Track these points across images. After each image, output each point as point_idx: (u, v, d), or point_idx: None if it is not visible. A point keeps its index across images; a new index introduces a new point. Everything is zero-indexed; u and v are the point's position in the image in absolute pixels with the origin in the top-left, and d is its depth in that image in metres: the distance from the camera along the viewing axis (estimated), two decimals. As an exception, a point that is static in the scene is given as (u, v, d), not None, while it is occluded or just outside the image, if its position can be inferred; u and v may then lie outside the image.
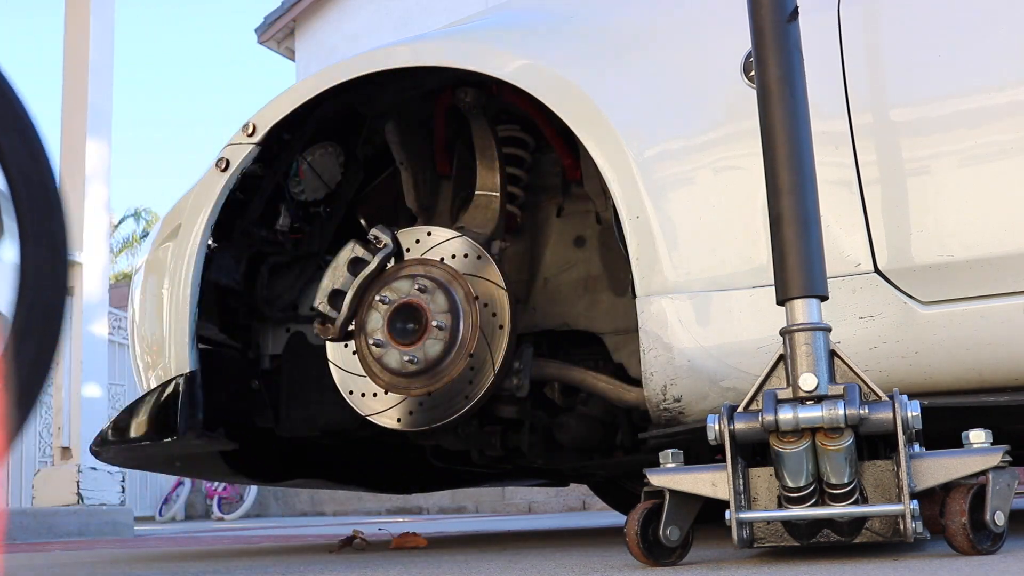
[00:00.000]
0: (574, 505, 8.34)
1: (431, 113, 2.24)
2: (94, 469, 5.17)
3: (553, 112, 1.84)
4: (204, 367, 2.09)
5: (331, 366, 2.11)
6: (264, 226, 2.25)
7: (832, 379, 1.34)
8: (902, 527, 1.28)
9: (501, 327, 1.97)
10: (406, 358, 1.97)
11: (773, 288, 1.40)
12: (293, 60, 14.80)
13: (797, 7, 1.45)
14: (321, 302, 2.03)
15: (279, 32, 14.80)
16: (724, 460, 1.34)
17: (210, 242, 2.13)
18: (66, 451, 5.23)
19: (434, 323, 1.96)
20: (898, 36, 1.63)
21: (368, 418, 2.06)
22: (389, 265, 2.02)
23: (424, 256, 2.03)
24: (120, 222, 20.72)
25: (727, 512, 1.33)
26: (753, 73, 1.53)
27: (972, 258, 1.54)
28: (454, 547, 2.20)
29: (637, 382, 1.84)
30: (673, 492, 1.39)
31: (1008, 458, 1.30)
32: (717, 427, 1.35)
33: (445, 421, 2.00)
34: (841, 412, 1.29)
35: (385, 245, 2.06)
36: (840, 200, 1.61)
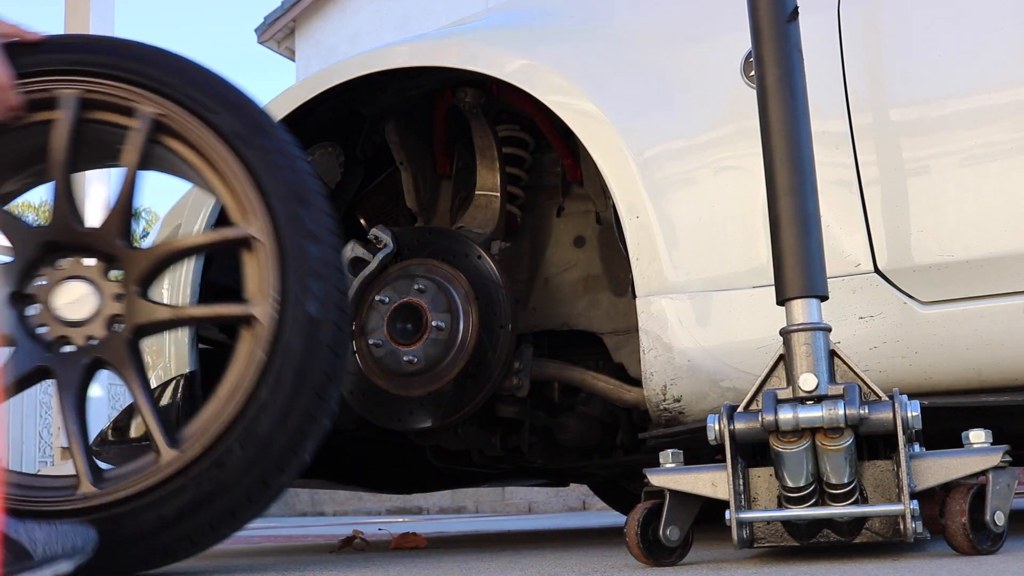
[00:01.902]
0: (574, 505, 8.34)
1: (431, 113, 2.24)
2: (94, 469, 5.16)
3: (553, 112, 1.84)
4: (204, 367, 2.09)
5: (331, 366, 2.11)
6: (264, 226, 2.24)
7: (832, 379, 1.34)
8: (902, 527, 1.28)
9: (501, 327, 1.97)
10: (406, 358, 1.97)
11: (773, 288, 1.41)
12: (293, 60, 14.80)
13: (797, 7, 1.45)
14: (321, 302, 2.02)
15: (279, 32, 14.80)
16: (724, 460, 1.34)
17: (210, 242, 2.12)
18: (66, 451, 5.22)
19: (434, 323, 1.96)
20: (898, 36, 1.63)
21: (367, 418, 2.06)
22: (389, 265, 2.02)
23: (424, 256, 2.03)
24: (120, 222, 20.69)
25: (727, 512, 1.33)
26: (753, 73, 1.53)
27: (972, 258, 1.54)
28: (454, 547, 2.20)
29: (637, 382, 1.84)
30: (673, 492, 1.39)
31: (1008, 458, 1.30)
32: (717, 427, 1.35)
33: (445, 421, 2.00)
34: (841, 412, 1.28)
35: (385, 245, 2.06)
36: (840, 200, 1.61)
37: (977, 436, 1.31)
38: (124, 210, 1.61)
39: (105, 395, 5.47)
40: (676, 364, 1.68)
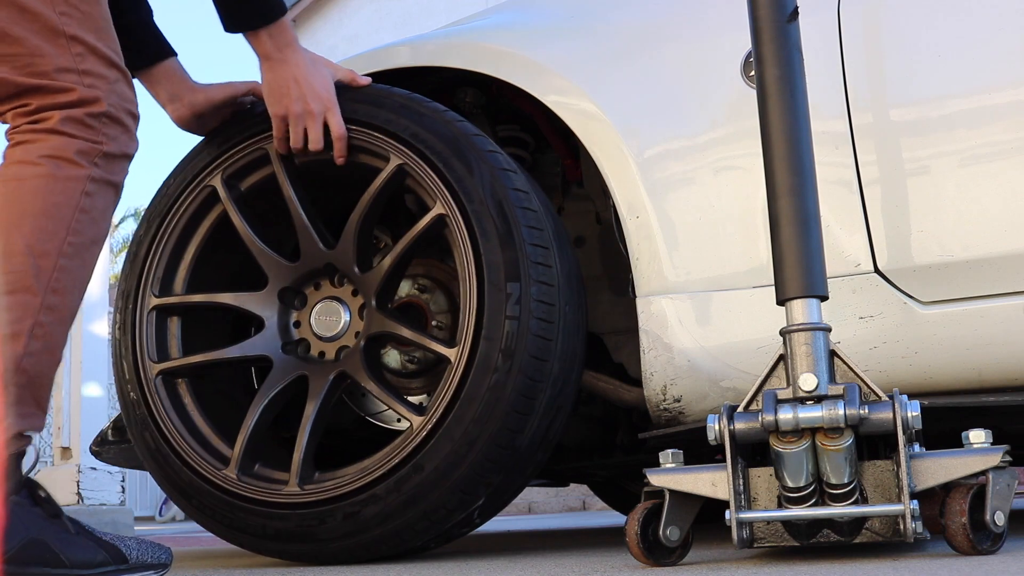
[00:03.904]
0: (574, 505, 8.34)
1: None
2: (94, 469, 5.17)
3: (553, 112, 1.84)
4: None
5: (331, 366, 2.11)
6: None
7: (832, 379, 1.34)
8: (902, 527, 1.28)
9: (501, 327, 1.96)
10: (405, 358, 1.97)
11: (773, 288, 1.40)
12: (293, 60, 14.76)
13: (797, 7, 1.45)
14: (321, 302, 2.03)
15: (279, 32, 14.76)
16: (724, 460, 1.34)
17: (210, 242, 2.13)
18: (66, 451, 5.23)
19: (434, 323, 1.95)
20: (898, 36, 1.63)
21: (368, 418, 2.06)
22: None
23: (424, 256, 2.03)
24: (120, 222, 20.73)
25: (727, 512, 1.33)
26: (753, 73, 1.53)
27: (972, 258, 1.54)
28: (454, 547, 2.20)
29: (637, 382, 1.84)
30: (673, 492, 1.39)
31: (1008, 458, 1.30)
32: (717, 427, 1.35)
33: (445, 421, 2.00)
34: (841, 412, 1.28)
35: (385, 245, 2.05)
36: (840, 200, 1.61)
37: (977, 436, 1.31)
38: (356, 235, 1.79)
39: (105, 395, 5.48)
40: (676, 364, 1.68)
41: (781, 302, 1.38)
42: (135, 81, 1.65)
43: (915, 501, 1.27)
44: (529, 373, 1.63)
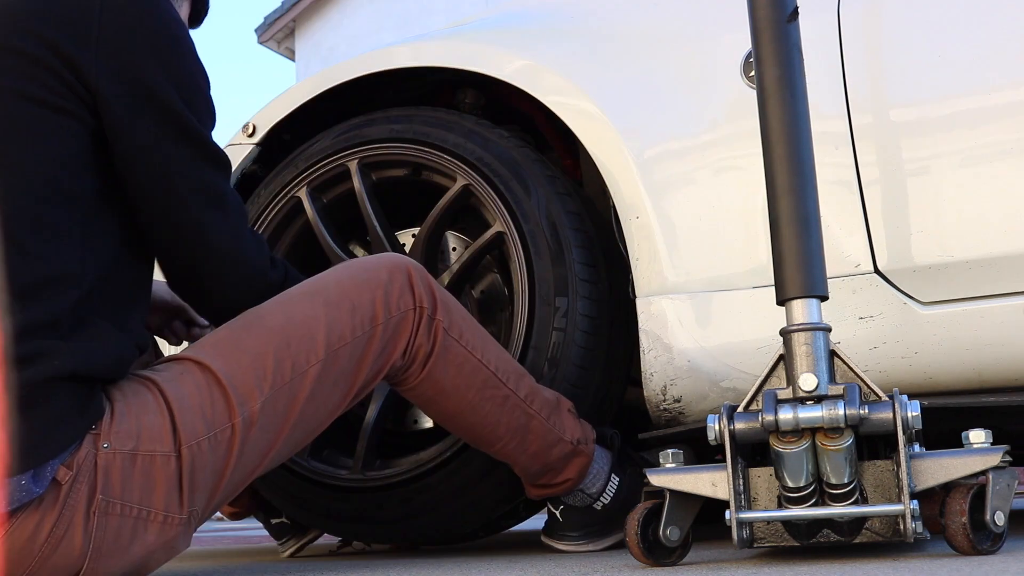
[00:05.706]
0: (574, 505, 8.31)
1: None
2: (94, 469, 5.15)
3: (553, 112, 1.85)
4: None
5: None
6: (264, 226, 2.26)
7: (832, 379, 1.34)
8: (902, 527, 1.28)
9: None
10: (406, 358, 1.97)
11: (773, 288, 1.40)
12: (293, 60, 14.81)
13: (797, 7, 1.45)
14: (322, 302, 2.03)
15: (279, 32, 14.80)
16: (724, 460, 1.34)
17: (210, 242, 2.13)
18: (66, 451, 5.21)
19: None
20: (898, 36, 1.63)
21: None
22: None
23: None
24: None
25: (727, 512, 1.33)
26: (753, 73, 1.53)
27: (972, 258, 1.54)
28: (455, 547, 2.20)
29: (637, 382, 1.84)
30: (673, 492, 1.39)
31: (1008, 458, 1.30)
32: (717, 427, 1.34)
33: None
34: (841, 412, 1.28)
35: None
36: (840, 200, 1.61)
37: (977, 436, 1.31)
38: (424, 246, 1.92)
39: (105, 395, 5.46)
40: (676, 364, 1.68)
41: (781, 302, 1.38)
42: None
43: (915, 501, 1.27)
44: (572, 380, 1.77)
